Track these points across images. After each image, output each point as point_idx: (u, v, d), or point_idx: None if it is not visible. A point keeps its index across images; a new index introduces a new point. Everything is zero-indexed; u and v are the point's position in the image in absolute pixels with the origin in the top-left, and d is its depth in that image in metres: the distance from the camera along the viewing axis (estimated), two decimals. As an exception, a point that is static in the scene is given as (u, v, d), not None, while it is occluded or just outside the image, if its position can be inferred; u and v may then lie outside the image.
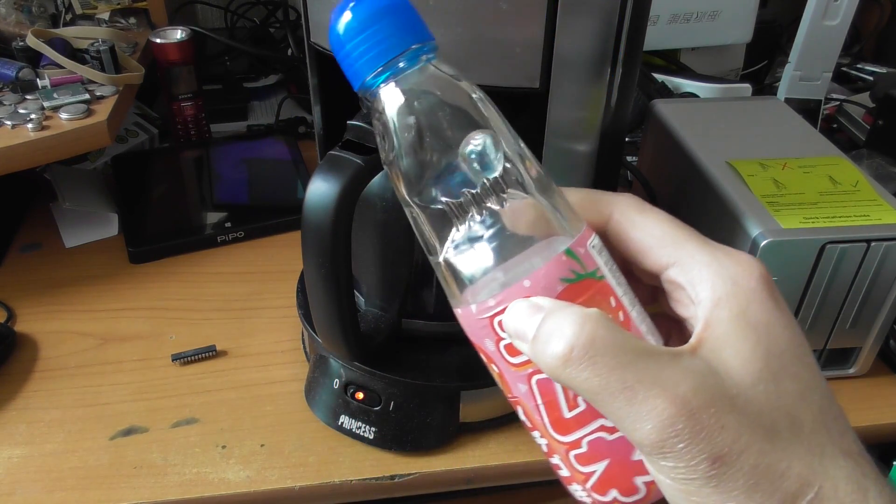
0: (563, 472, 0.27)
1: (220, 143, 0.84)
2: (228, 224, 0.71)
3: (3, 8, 0.74)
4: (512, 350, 0.25)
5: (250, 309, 0.63)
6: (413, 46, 0.24)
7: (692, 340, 0.24)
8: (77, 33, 0.74)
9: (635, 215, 0.27)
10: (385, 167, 0.26)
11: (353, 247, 0.42)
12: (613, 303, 0.25)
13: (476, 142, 0.24)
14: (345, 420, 0.50)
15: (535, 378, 0.25)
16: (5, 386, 0.55)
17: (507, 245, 0.24)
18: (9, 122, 0.61)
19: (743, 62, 0.97)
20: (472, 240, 0.25)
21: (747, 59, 0.97)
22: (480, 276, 0.25)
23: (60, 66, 0.68)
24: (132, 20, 0.84)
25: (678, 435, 0.22)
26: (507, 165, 0.25)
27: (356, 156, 0.40)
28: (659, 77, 0.85)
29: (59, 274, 0.66)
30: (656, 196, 0.64)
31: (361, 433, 0.50)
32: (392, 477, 0.49)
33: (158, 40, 0.78)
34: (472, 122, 0.25)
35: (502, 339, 0.25)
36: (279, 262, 0.69)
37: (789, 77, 0.79)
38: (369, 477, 0.49)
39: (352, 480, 0.48)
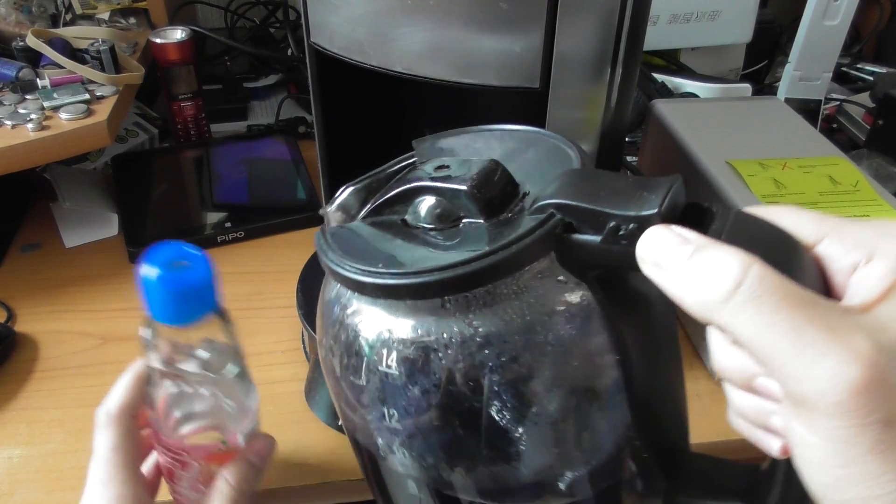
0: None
1: (220, 143, 0.84)
2: (228, 224, 0.71)
3: (3, 8, 0.74)
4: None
5: (250, 309, 0.63)
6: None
7: (864, 300, 0.23)
8: (77, 33, 0.74)
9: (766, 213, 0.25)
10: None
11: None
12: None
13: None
14: (345, 420, 0.50)
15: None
16: (5, 386, 0.55)
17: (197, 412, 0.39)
18: (9, 122, 0.61)
19: (743, 62, 0.97)
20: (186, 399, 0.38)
21: (747, 59, 0.97)
22: (180, 419, 0.38)
23: (60, 66, 0.68)
24: (132, 20, 0.84)
25: (860, 393, 0.20)
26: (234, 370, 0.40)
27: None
28: (659, 77, 0.85)
29: (59, 274, 0.66)
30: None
31: (361, 433, 0.50)
32: (392, 477, 0.49)
33: (158, 40, 0.78)
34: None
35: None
36: (279, 262, 0.69)
37: (789, 77, 0.79)
38: (369, 477, 0.49)
39: (352, 480, 0.48)
